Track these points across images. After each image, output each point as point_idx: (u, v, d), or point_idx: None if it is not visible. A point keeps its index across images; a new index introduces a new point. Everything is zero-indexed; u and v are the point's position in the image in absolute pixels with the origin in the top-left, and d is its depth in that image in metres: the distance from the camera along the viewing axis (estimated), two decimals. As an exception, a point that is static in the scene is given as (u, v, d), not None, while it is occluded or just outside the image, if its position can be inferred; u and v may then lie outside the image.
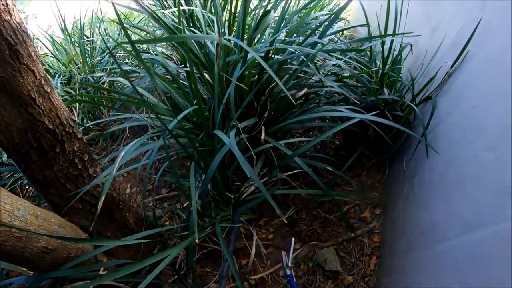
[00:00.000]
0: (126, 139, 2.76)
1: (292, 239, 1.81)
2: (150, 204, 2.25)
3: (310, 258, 2.16)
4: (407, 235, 2.03)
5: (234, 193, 1.91)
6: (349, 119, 1.89)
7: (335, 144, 2.63)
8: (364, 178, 2.49)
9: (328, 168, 2.04)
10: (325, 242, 2.22)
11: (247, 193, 1.89)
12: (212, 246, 1.91)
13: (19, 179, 2.49)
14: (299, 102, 2.33)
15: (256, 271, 2.03)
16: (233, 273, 1.55)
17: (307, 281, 2.06)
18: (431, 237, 1.74)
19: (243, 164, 1.56)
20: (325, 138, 2.09)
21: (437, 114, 2.07)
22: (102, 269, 1.62)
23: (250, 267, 1.77)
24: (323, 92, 2.42)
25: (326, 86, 2.25)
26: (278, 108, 2.21)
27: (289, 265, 1.70)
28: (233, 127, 1.86)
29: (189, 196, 1.67)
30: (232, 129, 1.75)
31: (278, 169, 1.98)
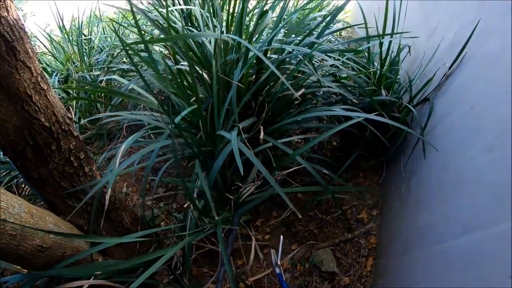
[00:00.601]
0: (123, 138, 2.74)
1: (281, 237, 1.78)
2: (148, 204, 2.23)
3: (306, 259, 2.15)
4: (403, 236, 2.03)
5: (233, 194, 1.90)
6: (346, 120, 1.87)
7: (332, 145, 2.63)
8: (361, 180, 2.48)
9: (324, 171, 2.03)
10: (322, 243, 2.21)
11: (247, 194, 1.87)
12: (210, 246, 1.90)
13: (15, 177, 2.47)
14: (296, 102, 2.31)
15: (252, 271, 2.02)
16: (229, 278, 1.53)
17: (304, 282, 2.05)
18: (427, 238, 1.74)
19: (255, 162, 1.56)
20: (323, 139, 2.09)
21: (435, 115, 2.06)
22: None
23: (248, 268, 1.75)
24: (321, 93, 2.41)
25: (324, 87, 2.25)
26: (276, 109, 2.20)
27: (278, 263, 1.68)
28: (233, 127, 1.85)
29: (192, 196, 1.66)
30: (234, 129, 1.74)
31: (277, 170, 1.96)
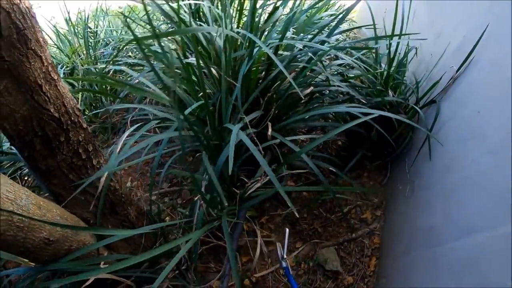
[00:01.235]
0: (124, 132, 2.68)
1: (287, 229, 1.74)
2: (152, 198, 2.18)
3: (310, 258, 2.11)
4: (406, 237, 2.01)
5: (239, 189, 1.86)
6: (352, 119, 1.84)
7: (338, 144, 2.59)
8: (366, 180, 2.45)
9: (331, 168, 1.99)
10: (326, 241, 2.17)
11: (253, 189, 1.83)
12: (216, 241, 1.85)
13: (20, 168, 2.41)
14: (303, 101, 2.27)
15: (257, 268, 1.98)
16: (233, 274, 1.49)
17: (308, 280, 2.01)
18: (429, 239, 1.73)
19: (257, 156, 1.53)
20: (329, 138, 2.06)
21: (441, 117, 2.04)
22: (102, 263, 1.56)
23: (253, 264, 1.71)
24: (327, 92, 2.37)
25: (333, 85, 2.21)
26: (283, 106, 2.16)
27: (285, 256, 1.63)
28: (240, 119, 1.81)
29: (200, 188, 1.61)
30: (240, 122, 1.70)
31: (284, 166, 1.92)
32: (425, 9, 2.76)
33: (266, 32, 2.24)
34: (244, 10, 2.34)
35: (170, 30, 2.68)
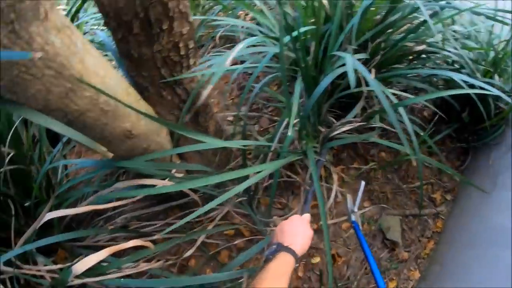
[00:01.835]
0: (212, 48, 2.36)
1: (363, 182, 1.44)
2: (229, 119, 1.92)
3: (375, 221, 1.84)
4: (474, 230, 1.78)
5: (325, 128, 1.55)
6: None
7: (423, 115, 2.21)
8: (443, 160, 2.09)
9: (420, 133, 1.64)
10: (393, 209, 1.89)
11: (339, 131, 1.53)
12: (294, 177, 1.56)
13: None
14: (409, 58, 1.89)
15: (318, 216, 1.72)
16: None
17: (366, 243, 1.76)
18: (502, 240, 1.55)
19: (369, 79, 1.28)
20: (426, 99, 1.78)
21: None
22: (174, 170, 1.33)
23: (326, 208, 1.43)
24: (433, 56, 1.96)
25: (445, 50, 1.81)
26: (389, 57, 1.79)
27: (355, 210, 1.37)
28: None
29: (291, 111, 1.32)
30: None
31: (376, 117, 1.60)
32: None
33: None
34: None
35: None
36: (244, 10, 2.27)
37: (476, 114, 1.87)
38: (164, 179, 1.29)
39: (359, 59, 1.59)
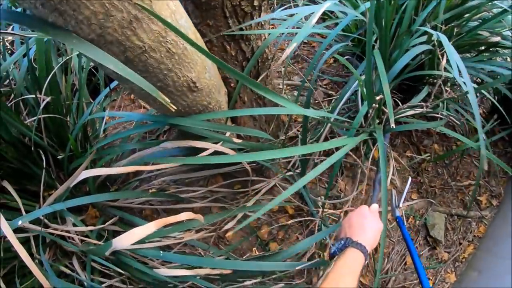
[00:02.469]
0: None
1: (410, 178, 1.25)
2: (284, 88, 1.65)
3: (421, 215, 1.60)
4: None
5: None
6: None
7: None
8: (492, 162, 1.82)
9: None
10: (440, 206, 1.64)
11: (404, 115, 1.28)
12: (356, 158, 1.31)
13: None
14: (479, 48, 1.61)
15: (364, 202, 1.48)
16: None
17: (408, 238, 1.52)
18: None
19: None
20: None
21: None
22: (228, 134, 1.08)
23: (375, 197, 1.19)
24: (502, 52, 1.68)
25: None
26: (460, 44, 1.52)
27: (400, 205, 1.15)
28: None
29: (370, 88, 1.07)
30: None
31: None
32: None
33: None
34: None
35: None
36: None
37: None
38: (216, 143, 1.04)
39: (436, 40, 1.33)
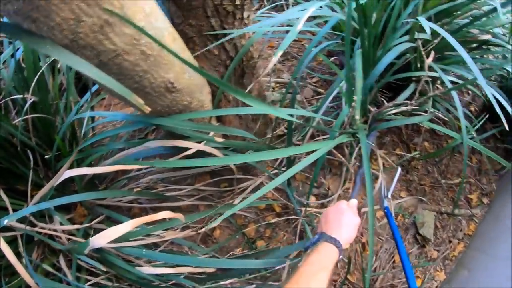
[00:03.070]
0: (258, 9, 2.07)
1: (399, 168, 1.25)
2: (271, 85, 1.65)
3: (410, 213, 1.60)
4: (507, 243, 1.54)
5: (374, 108, 1.31)
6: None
7: (469, 110, 1.92)
8: (484, 160, 1.82)
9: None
10: (429, 204, 1.65)
11: (389, 112, 1.29)
12: (339, 156, 1.32)
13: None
14: (469, 46, 1.60)
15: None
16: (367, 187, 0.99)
17: (396, 236, 1.53)
18: None
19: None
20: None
21: None
22: (212, 133, 1.09)
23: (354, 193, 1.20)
24: (493, 50, 1.68)
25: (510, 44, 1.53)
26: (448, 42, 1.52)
27: (389, 196, 1.16)
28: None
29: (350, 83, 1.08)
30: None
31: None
32: None
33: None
34: None
35: None
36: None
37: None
38: (199, 142, 1.05)
39: (419, 38, 1.33)
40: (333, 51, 1.72)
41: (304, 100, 1.51)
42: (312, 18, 1.54)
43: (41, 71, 1.27)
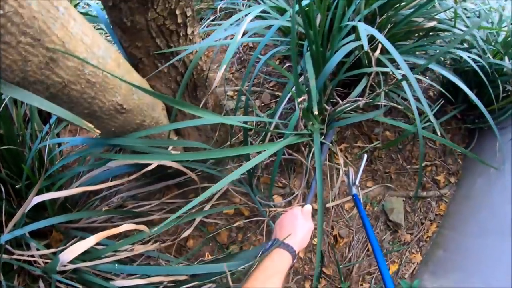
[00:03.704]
0: (212, 20, 2.18)
1: (365, 155, 1.34)
2: (229, 94, 1.76)
3: (378, 202, 1.72)
4: (482, 218, 1.68)
5: (329, 106, 1.42)
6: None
7: (429, 95, 2.05)
8: (448, 141, 1.95)
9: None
10: (397, 190, 1.77)
11: (343, 108, 1.40)
12: (296, 155, 1.42)
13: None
14: (417, 34, 1.73)
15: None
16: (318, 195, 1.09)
17: (368, 224, 1.65)
18: (509, 230, 1.43)
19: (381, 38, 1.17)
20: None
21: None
22: (171, 147, 1.19)
23: (334, 190, 1.31)
24: (443, 35, 1.80)
25: (456, 28, 1.66)
26: (396, 33, 1.63)
27: (357, 183, 1.25)
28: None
29: (300, 87, 1.19)
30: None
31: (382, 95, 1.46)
32: None
33: None
34: None
35: None
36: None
37: (484, 96, 1.72)
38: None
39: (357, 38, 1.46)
40: (289, 55, 1.83)
41: (262, 104, 1.62)
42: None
43: (4, 104, 1.37)
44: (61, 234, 1.42)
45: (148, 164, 1.15)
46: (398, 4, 1.61)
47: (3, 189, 1.32)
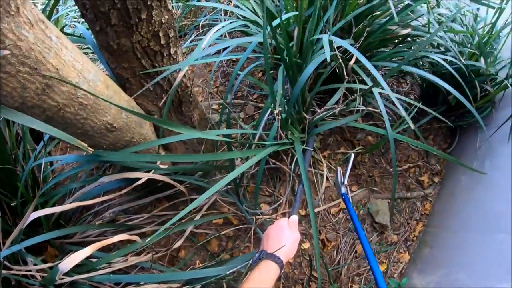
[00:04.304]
0: (196, 36, 2.32)
1: (352, 154, 1.45)
2: (214, 107, 1.89)
3: (363, 205, 1.85)
4: (466, 214, 1.78)
5: (309, 115, 1.54)
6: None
7: (410, 98, 2.19)
8: (430, 143, 2.09)
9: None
10: (381, 193, 1.89)
11: (322, 115, 1.52)
12: (279, 164, 1.54)
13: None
14: (394, 42, 1.87)
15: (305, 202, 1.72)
16: (308, 200, 1.20)
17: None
18: (493, 225, 1.56)
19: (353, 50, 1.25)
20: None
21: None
22: (159, 162, 1.31)
23: (319, 196, 1.43)
24: (419, 40, 1.95)
25: (430, 33, 1.80)
26: (373, 41, 1.77)
27: (345, 183, 1.34)
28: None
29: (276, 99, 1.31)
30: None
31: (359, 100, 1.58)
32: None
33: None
34: None
35: None
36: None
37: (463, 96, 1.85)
38: (149, 171, 1.27)
39: (340, 46, 1.58)
40: (272, 67, 1.96)
41: (247, 116, 1.75)
42: (244, 34, 1.77)
43: (-3, 125, 1.48)
44: (56, 249, 1.52)
45: (138, 179, 1.27)
46: (371, 14, 1.75)
47: (-1, 208, 1.43)
